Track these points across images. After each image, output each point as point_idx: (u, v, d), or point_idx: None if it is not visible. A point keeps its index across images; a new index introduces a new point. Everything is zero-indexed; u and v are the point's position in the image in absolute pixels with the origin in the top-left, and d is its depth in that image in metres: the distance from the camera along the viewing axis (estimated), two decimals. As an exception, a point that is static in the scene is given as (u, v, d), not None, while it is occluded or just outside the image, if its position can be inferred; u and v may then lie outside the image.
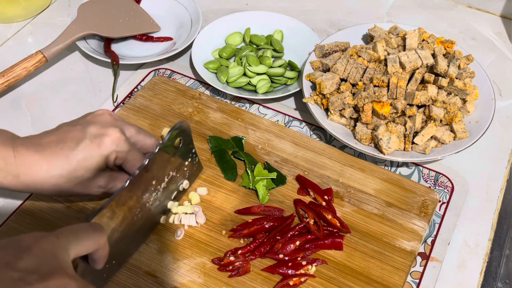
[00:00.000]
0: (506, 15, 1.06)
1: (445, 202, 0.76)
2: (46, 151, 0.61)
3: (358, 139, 0.78)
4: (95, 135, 0.62)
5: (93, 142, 0.62)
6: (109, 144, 0.62)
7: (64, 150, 0.61)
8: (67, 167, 0.61)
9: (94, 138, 0.62)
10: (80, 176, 0.62)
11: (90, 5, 0.94)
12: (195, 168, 0.73)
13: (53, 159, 0.61)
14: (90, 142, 0.62)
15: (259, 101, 0.87)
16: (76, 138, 0.62)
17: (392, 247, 0.69)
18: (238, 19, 0.96)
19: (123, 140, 0.63)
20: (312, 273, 0.66)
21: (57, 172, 0.61)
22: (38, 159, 0.61)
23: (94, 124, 0.63)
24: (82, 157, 0.62)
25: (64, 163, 0.61)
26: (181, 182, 0.71)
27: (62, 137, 0.63)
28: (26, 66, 0.85)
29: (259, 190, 0.73)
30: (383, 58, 0.82)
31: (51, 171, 0.61)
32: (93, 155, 0.62)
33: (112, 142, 0.62)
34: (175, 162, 0.67)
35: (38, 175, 0.61)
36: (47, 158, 0.61)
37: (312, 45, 0.89)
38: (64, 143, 0.62)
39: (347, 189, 0.75)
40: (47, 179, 0.61)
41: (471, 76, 0.83)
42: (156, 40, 0.96)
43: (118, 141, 0.63)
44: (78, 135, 0.62)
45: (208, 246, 0.68)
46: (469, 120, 0.81)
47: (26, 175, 0.61)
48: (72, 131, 0.63)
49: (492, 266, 0.73)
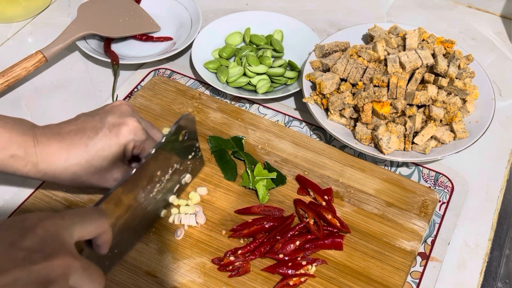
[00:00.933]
0: (506, 15, 1.06)
1: (445, 202, 0.76)
2: (66, 140, 0.63)
3: (358, 139, 0.78)
4: (113, 125, 0.64)
5: (112, 131, 0.64)
6: (126, 133, 0.64)
7: (83, 139, 0.63)
8: (85, 155, 0.63)
9: (112, 127, 0.64)
10: (98, 165, 0.64)
11: (90, 5, 0.94)
12: (197, 163, 0.73)
13: (72, 148, 0.63)
14: (109, 132, 0.63)
15: (259, 101, 0.87)
16: (95, 128, 0.64)
17: (392, 247, 0.69)
18: (238, 19, 0.96)
19: (140, 129, 0.65)
20: (312, 273, 0.66)
21: (76, 161, 0.63)
22: (57, 148, 0.62)
23: (112, 114, 0.65)
24: (101, 146, 0.63)
25: (83, 152, 0.63)
26: (184, 176, 0.71)
27: (81, 127, 0.64)
28: (26, 66, 0.85)
29: (259, 190, 0.73)
30: (383, 58, 0.82)
31: (70, 160, 0.63)
32: (111, 144, 0.63)
33: (129, 131, 0.64)
34: (179, 154, 0.68)
35: (57, 164, 0.63)
36: (66, 147, 0.63)
37: (312, 45, 0.89)
38: (83, 133, 0.63)
39: (347, 189, 0.75)
40: (66, 168, 0.63)
41: (471, 76, 0.83)
42: (156, 40, 0.96)
43: (136, 130, 0.64)
44: (96, 125, 0.64)
45: (208, 246, 0.68)
46: (469, 120, 0.81)
47: (46, 163, 0.63)
48: (91, 121, 0.65)
49: (492, 266, 0.73)
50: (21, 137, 0.62)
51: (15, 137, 0.62)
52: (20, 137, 0.62)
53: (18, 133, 0.62)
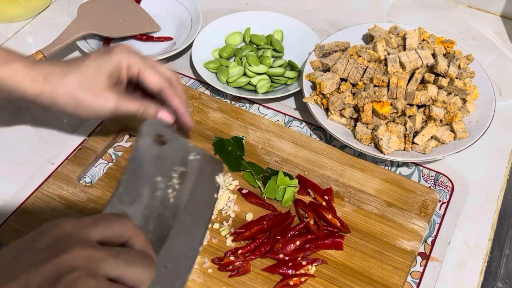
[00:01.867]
0: (506, 15, 1.06)
1: (445, 202, 0.76)
2: (62, 62, 0.67)
3: (358, 139, 0.78)
4: (107, 49, 0.68)
5: (104, 52, 0.66)
6: (118, 51, 0.66)
7: (78, 60, 0.67)
8: (78, 72, 0.65)
9: (106, 50, 0.67)
10: (90, 80, 0.65)
11: (90, 5, 0.94)
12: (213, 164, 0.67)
13: (66, 66, 0.66)
14: (102, 52, 0.67)
15: (259, 101, 0.87)
16: (92, 52, 0.68)
17: (392, 247, 0.69)
18: (238, 19, 0.96)
19: (133, 51, 0.67)
20: (312, 273, 0.66)
21: (72, 78, 0.65)
22: (54, 67, 0.66)
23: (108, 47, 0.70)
24: (93, 64, 0.65)
25: (76, 68, 0.66)
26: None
27: (81, 56, 0.68)
28: (26, 66, 0.85)
29: (286, 193, 0.73)
30: (383, 58, 0.82)
31: (64, 76, 0.65)
32: (104, 61, 0.65)
33: (121, 50, 0.66)
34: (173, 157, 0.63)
35: (53, 79, 0.65)
36: (62, 66, 0.66)
37: (312, 45, 0.89)
38: (81, 57, 0.67)
39: (347, 189, 0.75)
40: (61, 82, 0.65)
41: (471, 76, 0.83)
42: (156, 40, 0.96)
43: (128, 51, 0.67)
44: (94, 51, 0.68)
45: (208, 246, 0.68)
46: (469, 120, 0.81)
47: (43, 78, 0.65)
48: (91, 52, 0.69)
49: (492, 266, 0.73)
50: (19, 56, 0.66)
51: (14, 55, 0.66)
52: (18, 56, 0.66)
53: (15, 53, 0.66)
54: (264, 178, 0.74)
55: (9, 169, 0.77)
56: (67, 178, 0.74)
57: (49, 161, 0.77)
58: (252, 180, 0.74)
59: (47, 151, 0.78)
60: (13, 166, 0.77)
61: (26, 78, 0.65)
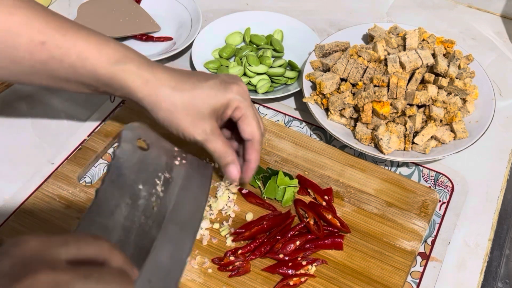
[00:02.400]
0: (506, 15, 1.06)
1: (445, 202, 0.76)
2: (178, 75, 0.65)
3: (358, 139, 0.78)
4: (225, 81, 0.66)
5: (222, 84, 0.65)
6: (235, 90, 0.66)
7: (194, 79, 0.65)
8: (190, 93, 0.64)
9: (223, 81, 0.66)
10: (196, 107, 0.64)
11: (90, 5, 0.94)
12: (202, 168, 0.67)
13: (183, 83, 0.65)
14: (219, 83, 0.65)
15: (259, 101, 0.87)
16: (208, 77, 0.67)
17: (392, 247, 0.69)
18: (238, 19, 0.96)
19: (247, 95, 0.67)
20: (312, 273, 0.66)
21: (180, 94, 0.64)
22: (170, 77, 0.65)
23: (227, 75, 0.68)
24: (207, 92, 0.65)
25: (190, 89, 0.64)
26: None
27: (196, 73, 0.67)
28: (26, 66, 0.85)
29: (286, 193, 0.73)
30: (383, 58, 0.82)
31: (176, 91, 0.64)
32: (217, 94, 0.65)
33: (238, 90, 0.66)
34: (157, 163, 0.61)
35: (164, 89, 0.64)
36: (177, 80, 0.65)
37: (312, 45, 0.89)
38: (197, 77, 0.66)
39: (347, 189, 0.75)
40: (169, 96, 0.64)
41: (471, 76, 0.83)
42: (156, 40, 0.96)
43: (244, 93, 0.66)
44: (210, 75, 0.67)
45: (208, 246, 0.68)
46: (469, 120, 0.81)
47: (155, 85, 0.64)
48: (206, 73, 0.68)
49: (492, 266, 0.73)
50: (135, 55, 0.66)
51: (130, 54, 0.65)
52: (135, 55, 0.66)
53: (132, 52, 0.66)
54: (264, 178, 0.74)
55: (9, 169, 0.77)
56: (67, 178, 0.74)
57: (49, 161, 0.77)
58: (252, 180, 0.74)
59: (47, 151, 0.78)
60: (13, 166, 0.77)
61: (138, 79, 0.63)
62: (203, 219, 0.70)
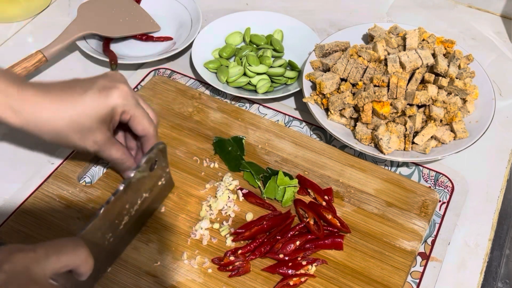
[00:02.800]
0: (506, 15, 1.06)
1: (445, 202, 0.76)
2: (53, 94, 0.62)
3: (358, 139, 0.78)
4: (104, 87, 0.63)
5: (101, 92, 0.63)
6: (116, 95, 0.63)
7: (72, 95, 0.62)
8: (71, 111, 0.62)
9: (102, 89, 0.63)
10: (81, 123, 0.62)
11: (90, 5, 0.94)
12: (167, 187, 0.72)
13: (59, 102, 0.62)
14: (98, 92, 0.63)
15: (259, 101, 0.87)
16: (85, 87, 0.63)
17: (392, 247, 0.69)
18: (238, 19, 0.96)
19: (131, 96, 0.64)
20: (312, 273, 0.66)
21: (61, 115, 0.62)
22: (43, 100, 0.61)
23: (104, 78, 0.65)
24: (88, 105, 0.62)
25: (70, 108, 0.62)
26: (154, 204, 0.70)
27: (72, 85, 0.64)
28: (26, 66, 0.85)
29: (286, 193, 0.73)
30: (383, 58, 0.82)
31: (55, 113, 0.62)
32: (99, 104, 0.63)
33: (119, 95, 0.63)
34: (148, 184, 0.66)
35: (41, 115, 0.61)
36: (53, 100, 0.62)
37: (312, 45, 0.89)
38: (73, 90, 0.63)
39: (347, 189, 0.75)
40: (49, 120, 0.62)
41: (471, 76, 0.83)
42: (156, 40, 0.96)
43: (126, 96, 0.64)
44: (87, 85, 0.64)
45: (208, 246, 0.68)
46: (469, 120, 0.81)
47: (29, 113, 0.61)
48: (82, 82, 0.64)
49: (492, 266, 0.73)
50: (4, 83, 0.61)
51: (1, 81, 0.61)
52: (4, 83, 0.61)
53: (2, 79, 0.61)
54: (264, 178, 0.74)
55: (9, 169, 0.77)
56: (67, 178, 0.74)
57: (49, 161, 0.77)
58: (252, 180, 0.74)
59: (47, 151, 0.78)
60: (13, 166, 0.77)
61: (6, 110, 0.61)
62: (204, 219, 0.70)
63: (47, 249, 0.47)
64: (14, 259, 0.44)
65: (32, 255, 0.45)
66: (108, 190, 0.73)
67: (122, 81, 0.65)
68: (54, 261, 0.47)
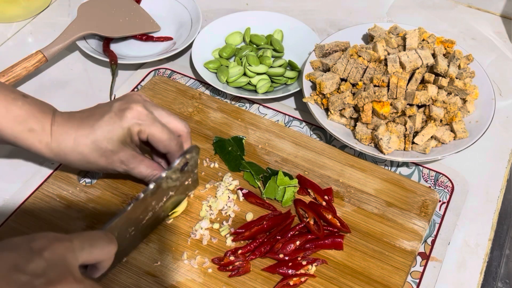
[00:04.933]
0: (506, 15, 1.06)
1: (445, 202, 0.76)
2: (76, 122, 0.66)
3: (358, 139, 0.78)
4: (119, 109, 0.66)
5: (117, 114, 0.65)
6: (129, 116, 0.65)
7: (90, 121, 0.66)
8: (91, 136, 0.65)
9: (118, 111, 0.66)
10: (103, 147, 0.65)
11: (90, 5, 0.94)
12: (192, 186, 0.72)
13: (80, 129, 0.65)
14: (114, 115, 0.65)
15: (259, 101, 0.87)
16: (103, 110, 0.66)
17: (392, 247, 0.69)
18: (238, 19, 0.96)
19: (144, 114, 0.66)
20: (312, 273, 0.66)
21: (83, 141, 0.65)
22: (68, 128, 0.65)
23: (121, 100, 0.67)
24: (106, 128, 0.65)
25: (89, 132, 0.65)
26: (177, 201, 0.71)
27: (92, 111, 0.67)
28: (26, 66, 0.85)
29: (286, 193, 0.73)
30: (383, 58, 0.82)
31: (77, 140, 0.65)
32: (115, 127, 0.65)
33: (132, 115, 0.65)
34: (176, 183, 0.66)
35: (66, 144, 0.65)
36: (75, 127, 0.65)
37: (312, 45, 0.89)
38: (92, 116, 0.66)
39: (347, 189, 0.75)
40: (73, 148, 0.65)
41: (471, 76, 0.83)
42: (156, 40, 0.96)
43: (139, 115, 0.66)
44: (105, 109, 0.66)
45: (208, 246, 0.68)
46: (469, 120, 0.81)
47: (56, 142, 0.65)
48: (102, 107, 0.67)
49: (492, 266, 0.73)
50: (41, 114, 0.65)
51: (36, 113, 0.65)
52: (40, 114, 0.65)
53: (38, 109, 0.65)
54: (264, 178, 0.74)
55: (9, 169, 0.77)
56: (67, 178, 0.74)
57: (49, 161, 0.77)
58: (252, 180, 0.74)
59: (47, 151, 0.78)
60: (13, 166, 0.77)
61: (40, 144, 0.65)
62: (204, 219, 0.70)
63: (82, 240, 0.49)
64: (53, 247, 0.45)
65: (68, 245, 0.47)
66: (108, 190, 0.73)
67: (137, 101, 0.67)
68: (87, 253, 0.49)
